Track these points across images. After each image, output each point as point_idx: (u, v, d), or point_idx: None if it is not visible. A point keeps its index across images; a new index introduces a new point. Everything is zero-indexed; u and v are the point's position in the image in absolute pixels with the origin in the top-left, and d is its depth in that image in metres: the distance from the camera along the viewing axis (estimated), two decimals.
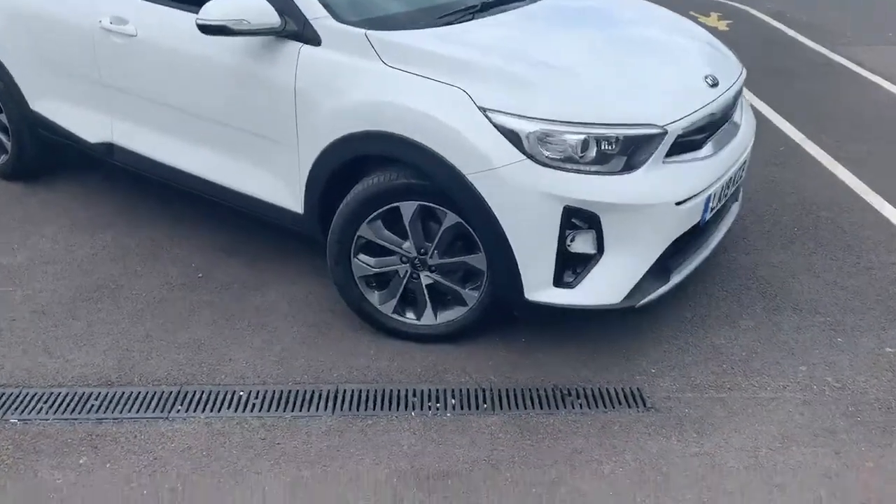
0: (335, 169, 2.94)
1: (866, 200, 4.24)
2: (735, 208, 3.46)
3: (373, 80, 2.78)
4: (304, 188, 3.08)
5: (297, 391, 2.81)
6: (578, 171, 2.59)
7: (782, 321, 3.25)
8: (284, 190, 3.16)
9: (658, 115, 2.68)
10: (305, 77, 2.91)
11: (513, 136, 2.57)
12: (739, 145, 3.11)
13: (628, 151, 2.62)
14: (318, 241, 3.16)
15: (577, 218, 2.64)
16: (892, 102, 5.77)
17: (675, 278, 2.91)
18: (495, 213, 2.64)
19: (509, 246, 2.67)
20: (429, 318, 3.03)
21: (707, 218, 2.98)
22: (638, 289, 2.78)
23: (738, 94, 3.21)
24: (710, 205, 2.93)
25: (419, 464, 2.48)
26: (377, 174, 2.85)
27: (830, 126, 5.27)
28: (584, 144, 2.59)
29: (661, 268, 2.85)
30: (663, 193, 2.68)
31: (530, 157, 2.57)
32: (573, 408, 2.73)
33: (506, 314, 2.97)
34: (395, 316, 3.05)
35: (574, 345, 3.06)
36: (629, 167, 2.64)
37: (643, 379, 2.89)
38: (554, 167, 2.58)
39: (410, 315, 3.06)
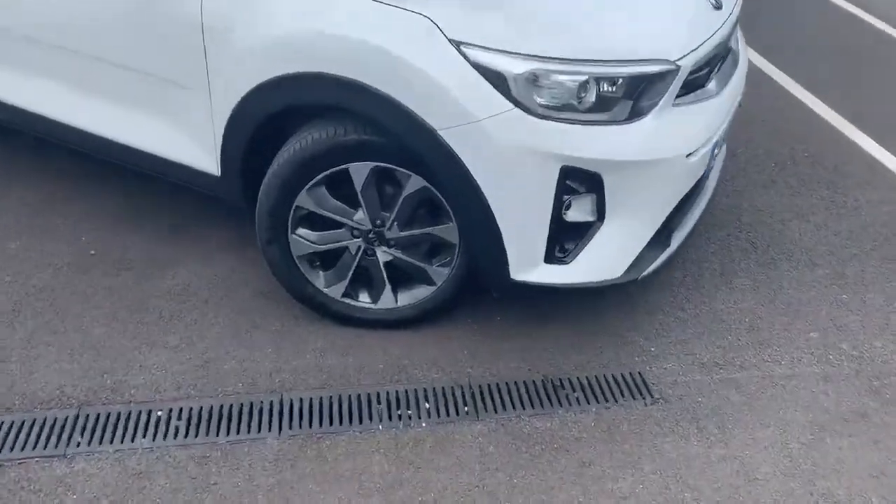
0: (261, 122, 2.30)
1: (844, 134, 3.91)
2: (724, 149, 3.03)
3: (306, 3, 2.13)
4: (219, 145, 2.43)
5: (231, 406, 2.25)
6: (577, 122, 2.07)
7: (780, 278, 2.89)
8: (195, 147, 2.50)
9: (669, 48, 2.16)
10: (215, 2, 2.23)
11: (496, 79, 2.01)
12: (739, 80, 2.64)
13: (635, 94, 2.11)
14: (244, 209, 2.55)
15: (576, 180, 2.13)
16: (869, 32, 5.43)
17: (676, 240, 2.47)
18: (474, 178, 2.09)
19: (492, 217, 2.14)
20: (387, 301, 2.50)
21: (711, 167, 2.54)
22: (640, 258, 2.33)
23: (737, 18, 2.72)
24: (715, 152, 2.48)
25: (397, 499, 1.99)
26: (318, 128, 2.24)
27: (804, 56, 4.89)
28: (584, 87, 2.06)
29: (662, 230, 2.40)
30: (675, 144, 2.20)
31: (519, 105, 2.02)
32: (570, 404, 2.30)
33: (476, 287, 2.46)
34: (346, 300, 2.51)
35: (558, 323, 2.61)
36: (636, 114, 2.13)
37: (643, 361, 2.47)
38: (549, 118, 2.04)
39: (364, 298, 2.52)
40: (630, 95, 2.10)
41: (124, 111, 2.60)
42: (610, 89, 2.09)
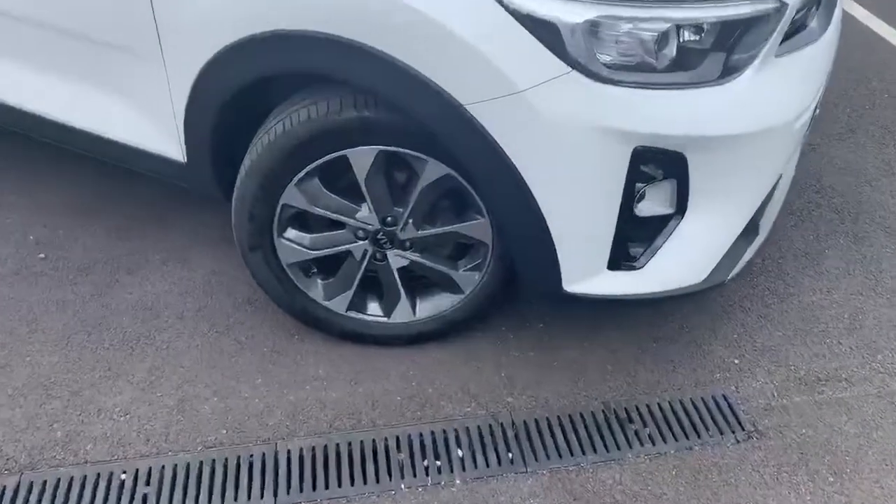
0: (231, 97, 1.76)
1: None
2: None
3: None
4: (182, 126, 1.90)
5: (213, 462, 1.77)
6: (655, 86, 1.52)
7: (878, 256, 2.37)
8: (154, 129, 1.96)
9: None
10: None
11: (545, 32, 1.46)
12: (838, 19, 2.07)
13: (728, 45, 1.55)
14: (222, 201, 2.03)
15: (652, 163, 1.60)
16: None
17: (765, 226, 1.95)
18: (515, 165, 1.56)
19: (539, 215, 1.62)
20: (404, 314, 2.00)
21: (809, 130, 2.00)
22: (727, 256, 1.81)
23: None
24: (816, 111, 1.93)
25: None
26: (305, 104, 1.70)
27: None
28: (663, 39, 1.51)
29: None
30: (780, 108, 1.66)
31: (577, 66, 1.47)
32: (642, 444, 1.82)
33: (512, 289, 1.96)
34: (353, 314, 2.01)
35: (615, 327, 2.11)
36: (730, 71, 1.57)
37: (726, 378, 1.98)
38: (617, 82, 1.50)
39: (375, 311, 2.02)
40: (721, 46, 1.54)
41: (71, 87, 2.05)
42: (695, 39, 1.53)
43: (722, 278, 1.81)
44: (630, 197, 1.61)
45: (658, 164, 1.61)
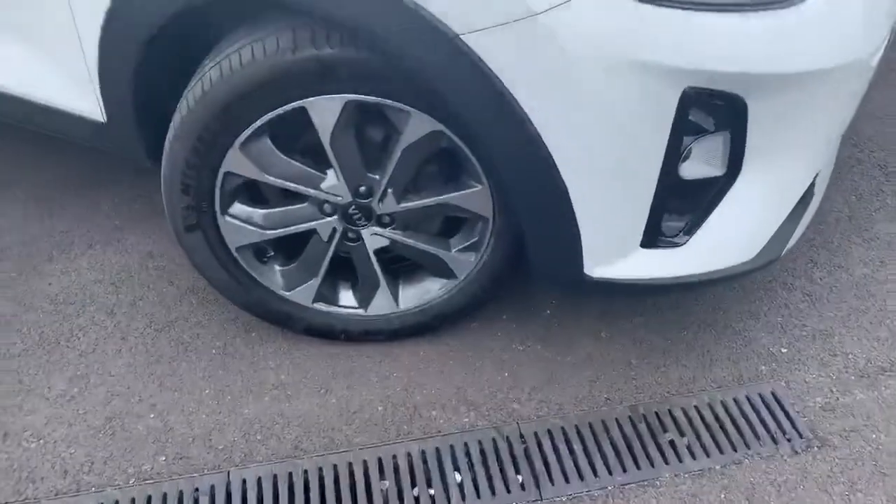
0: (156, 30, 1.35)
1: None
2: None
3: None
4: (96, 75, 1.49)
5: (149, 499, 1.40)
6: (709, 7, 1.15)
7: None
8: (62, 78, 1.56)
9: None
10: None
11: None
12: None
13: None
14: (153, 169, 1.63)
15: (703, 110, 1.23)
16: None
17: (820, 189, 1.60)
18: (528, 115, 1.19)
19: (558, 182, 1.25)
20: (384, 304, 1.63)
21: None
22: (781, 227, 1.46)
23: None
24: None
25: None
26: (247, 40, 1.30)
27: None
28: None
29: None
30: (859, 38, 1.29)
31: None
32: (680, 460, 1.48)
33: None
34: (321, 306, 1.64)
35: (634, 310, 1.76)
36: None
37: (774, 371, 1.65)
38: (663, 2, 1.12)
39: (348, 301, 1.65)
40: None
41: None
42: None
43: (776, 254, 1.46)
44: (674, 154, 1.24)
45: (709, 112, 1.24)
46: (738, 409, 1.57)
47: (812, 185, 1.52)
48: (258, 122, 1.35)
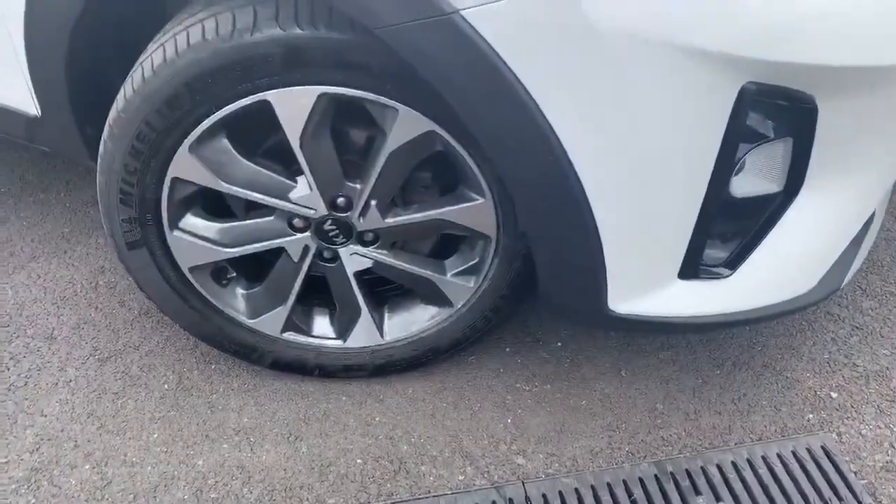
0: (89, 8, 1.11)
1: None
2: None
3: None
4: (24, 60, 1.25)
5: None
6: None
7: None
8: None
9: None
10: None
11: None
12: None
13: None
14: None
15: (764, 112, 0.99)
16: None
17: (882, 210, 1.35)
18: (543, 111, 0.94)
19: (579, 195, 1.00)
20: (366, 335, 1.38)
21: None
22: (846, 254, 1.22)
23: None
24: None
25: None
26: (199, 16, 1.06)
27: None
28: None
29: None
30: None
31: None
32: None
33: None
34: (291, 337, 1.39)
35: (658, 344, 1.52)
36: None
37: (823, 420, 1.40)
38: None
39: (324, 330, 1.41)
40: None
41: None
42: None
43: (837, 284, 1.22)
44: (726, 165, 1.00)
45: (771, 115, 1.00)
46: (783, 467, 1.32)
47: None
48: (212, 119, 1.10)
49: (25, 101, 1.34)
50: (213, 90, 1.07)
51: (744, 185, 1.05)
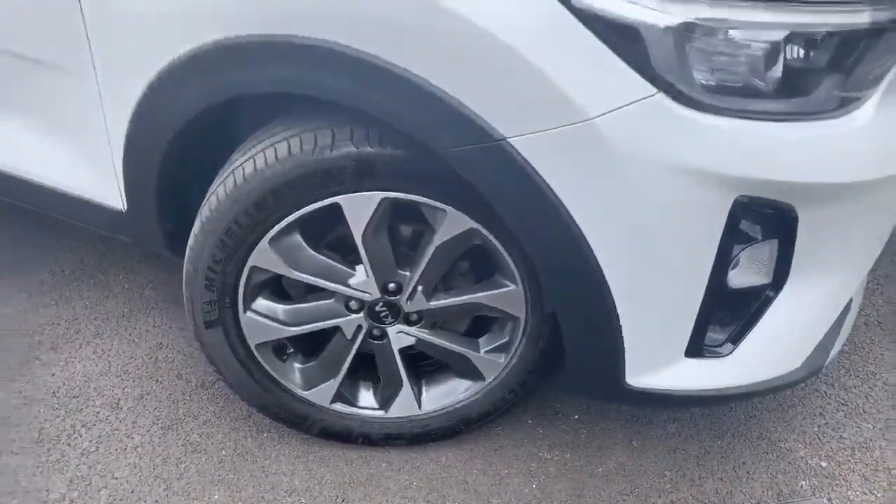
0: (185, 124, 1.33)
1: None
2: None
3: None
4: (120, 163, 1.46)
5: None
6: (762, 116, 1.13)
7: None
8: (85, 167, 1.53)
9: None
10: None
11: (626, 41, 1.05)
12: None
13: (846, 63, 1.16)
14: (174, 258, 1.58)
15: (752, 219, 1.20)
16: None
17: (858, 299, 1.56)
18: (575, 219, 1.15)
19: (603, 288, 1.20)
20: (405, 406, 1.55)
21: None
22: (827, 337, 1.41)
23: None
24: None
25: None
26: (285, 135, 1.28)
27: None
28: (772, 53, 1.12)
29: None
30: None
31: (666, 88, 1.07)
32: None
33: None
34: (339, 407, 1.56)
35: (665, 416, 1.69)
36: (850, 98, 1.18)
37: (815, 486, 1.57)
38: (717, 110, 1.10)
39: (368, 402, 1.58)
40: (837, 66, 1.16)
41: None
42: (805, 55, 1.15)
43: (819, 365, 1.41)
44: (723, 263, 1.20)
45: (758, 221, 1.21)
46: None
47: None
48: (290, 218, 1.30)
49: (113, 197, 1.54)
50: (294, 195, 1.28)
51: (739, 278, 1.25)
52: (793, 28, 1.09)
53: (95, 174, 1.51)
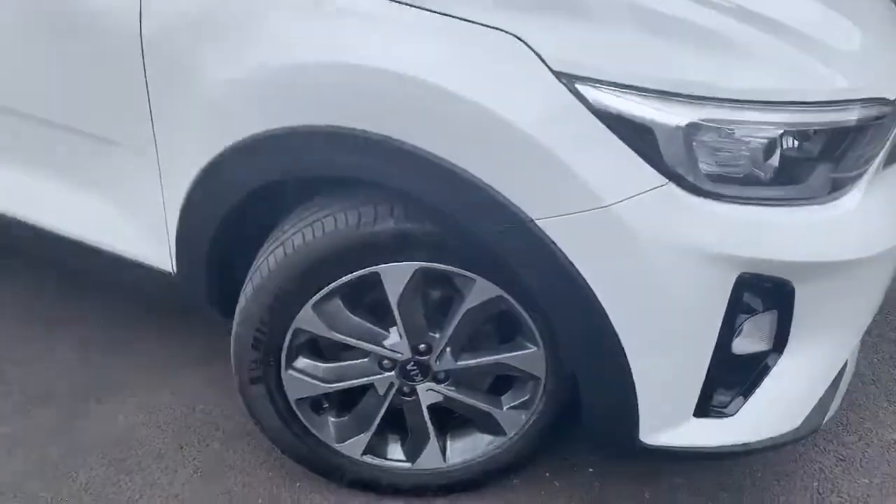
0: (240, 199, 1.47)
1: None
2: None
3: (316, 22, 1.30)
4: (174, 231, 1.59)
5: None
6: (762, 202, 1.27)
7: None
8: (139, 234, 1.66)
9: (879, 80, 1.38)
10: (163, 11, 1.40)
11: (640, 138, 1.20)
12: None
13: (836, 154, 1.31)
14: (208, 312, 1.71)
15: (755, 293, 1.33)
16: None
17: (853, 358, 1.68)
18: (595, 292, 1.28)
19: (620, 353, 1.33)
20: (432, 459, 1.66)
21: None
22: (825, 397, 1.53)
23: None
24: None
25: None
26: (331, 210, 1.41)
27: None
28: (771, 146, 1.26)
29: None
30: (891, 229, 1.41)
31: (675, 178, 1.22)
32: None
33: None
34: (369, 459, 1.67)
35: (673, 470, 1.79)
36: (840, 184, 1.33)
37: None
38: (720, 197, 1.24)
39: (396, 455, 1.69)
40: (828, 156, 1.31)
41: (37, 181, 1.76)
42: (800, 147, 1.29)
43: (818, 423, 1.52)
44: (728, 332, 1.33)
45: (759, 294, 1.34)
46: None
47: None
48: (333, 284, 1.43)
49: (163, 260, 1.67)
50: (337, 265, 1.41)
51: (742, 345, 1.37)
52: (788, 127, 1.24)
53: (150, 240, 1.64)
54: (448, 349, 1.51)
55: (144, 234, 1.65)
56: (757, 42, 1.29)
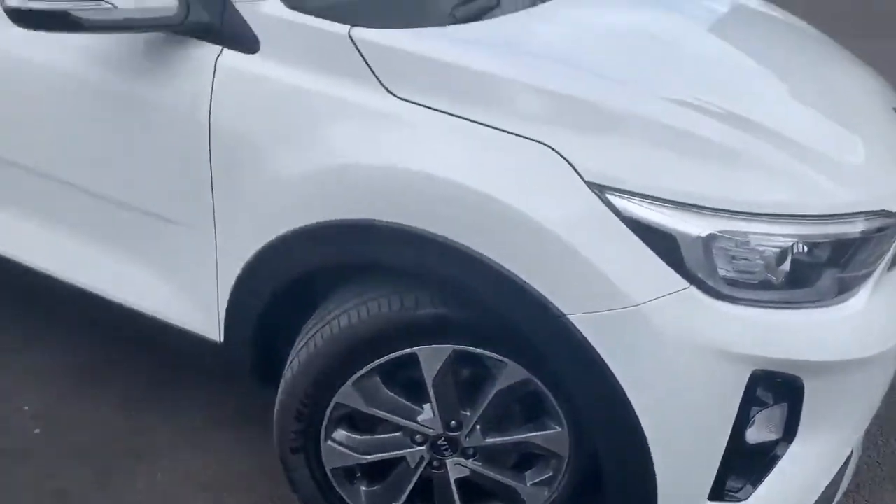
0: (289, 281, 1.59)
1: None
2: None
3: (372, 128, 1.45)
4: (224, 306, 1.71)
5: None
6: (774, 305, 1.39)
7: None
8: (191, 306, 1.78)
9: (881, 192, 1.51)
10: (230, 108, 1.55)
11: (664, 245, 1.33)
12: None
13: (842, 261, 1.43)
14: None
15: (767, 388, 1.44)
16: None
17: (858, 449, 1.77)
18: (621, 384, 1.39)
19: (641, 440, 1.43)
20: None
21: None
22: (832, 484, 1.62)
23: None
24: None
25: None
26: (373, 295, 1.53)
27: None
28: (783, 255, 1.39)
29: None
30: (893, 331, 1.52)
31: (696, 282, 1.34)
32: None
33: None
34: None
35: None
36: (846, 288, 1.45)
37: None
38: (737, 300, 1.36)
39: None
40: (835, 263, 1.43)
41: (94, 249, 1.89)
42: (809, 254, 1.41)
43: None
44: (742, 423, 1.43)
45: (771, 389, 1.44)
46: None
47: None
48: (374, 363, 1.55)
49: (211, 330, 1.79)
50: (379, 346, 1.52)
51: (754, 435, 1.47)
52: (798, 238, 1.36)
53: (201, 311, 1.76)
54: (478, 427, 1.61)
55: (195, 305, 1.77)
56: (766, 158, 1.43)
